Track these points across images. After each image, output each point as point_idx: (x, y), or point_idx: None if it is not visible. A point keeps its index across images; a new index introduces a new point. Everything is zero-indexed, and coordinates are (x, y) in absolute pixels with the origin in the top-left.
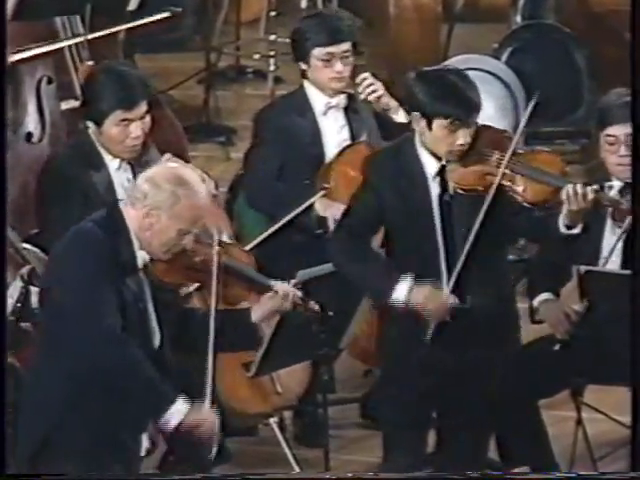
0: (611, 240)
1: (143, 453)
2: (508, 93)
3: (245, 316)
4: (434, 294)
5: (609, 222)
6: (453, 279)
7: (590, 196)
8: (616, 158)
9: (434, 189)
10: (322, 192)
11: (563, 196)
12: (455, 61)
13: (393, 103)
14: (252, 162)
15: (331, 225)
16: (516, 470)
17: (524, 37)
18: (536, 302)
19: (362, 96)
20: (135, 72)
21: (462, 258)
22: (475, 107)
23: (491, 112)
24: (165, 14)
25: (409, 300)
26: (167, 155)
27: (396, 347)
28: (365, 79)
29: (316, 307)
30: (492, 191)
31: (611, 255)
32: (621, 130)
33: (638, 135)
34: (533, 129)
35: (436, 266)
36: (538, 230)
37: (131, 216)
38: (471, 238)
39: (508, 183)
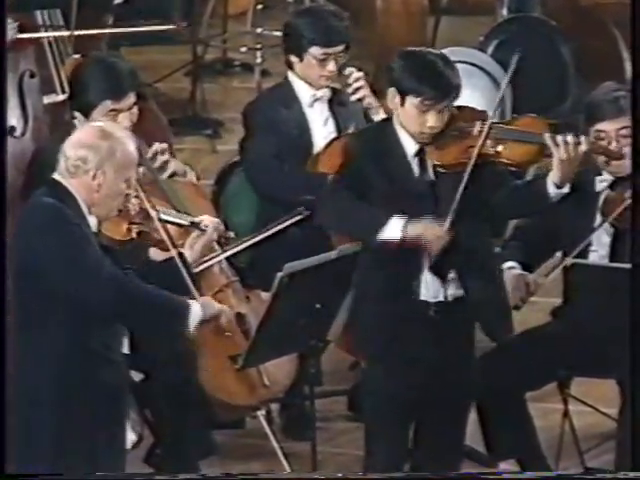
0: (599, 234)
1: (129, 446)
2: (494, 85)
3: (183, 262)
4: (431, 226)
5: (598, 216)
6: (449, 220)
7: (581, 144)
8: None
9: (415, 169)
10: (299, 216)
11: (551, 145)
12: None
13: (375, 103)
14: (249, 148)
15: None
16: (502, 464)
17: (510, 30)
18: (504, 267)
19: (349, 91)
20: (124, 63)
21: (449, 217)
22: (451, 90)
23: (476, 104)
24: (170, 26)
25: (405, 233)
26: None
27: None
28: (352, 74)
29: (231, 234)
30: (473, 159)
31: (597, 248)
32: (611, 125)
33: (637, 131)
34: None
35: None
36: (524, 198)
37: (75, 186)
38: (455, 202)
39: (492, 150)
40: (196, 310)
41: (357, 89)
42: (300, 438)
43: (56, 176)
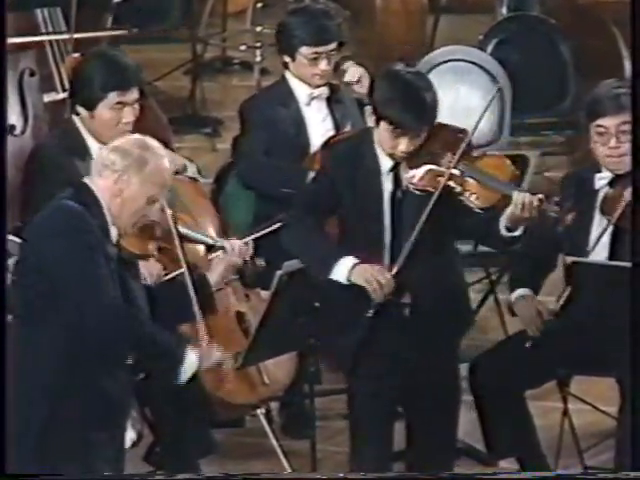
0: (599, 232)
1: (129, 444)
2: (493, 84)
3: (204, 282)
4: (376, 273)
5: (597, 214)
6: (397, 265)
7: (535, 205)
8: (606, 149)
9: (388, 185)
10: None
11: (513, 201)
12: (440, 52)
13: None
14: (240, 145)
15: None
16: (502, 462)
17: (509, 28)
18: (513, 297)
19: (346, 79)
20: (127, 57)
21: (407, 247)
22: (424, 118)
23: (476, 103)
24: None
25: (350, 279)
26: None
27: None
28: (356, 71)
29: (262, 263)
30: (438, 190)
31: (596, 247)
32: (612, 121)
33: (637, 129)
34: (518, 120)
35: (381, 260)
36: (481, 230)
37: (100, 187)
38: (414, 235)
39: (458, 187)
40: (191, 361)
41: (359, 80)
42: (300, 436)
43: (86, 179)
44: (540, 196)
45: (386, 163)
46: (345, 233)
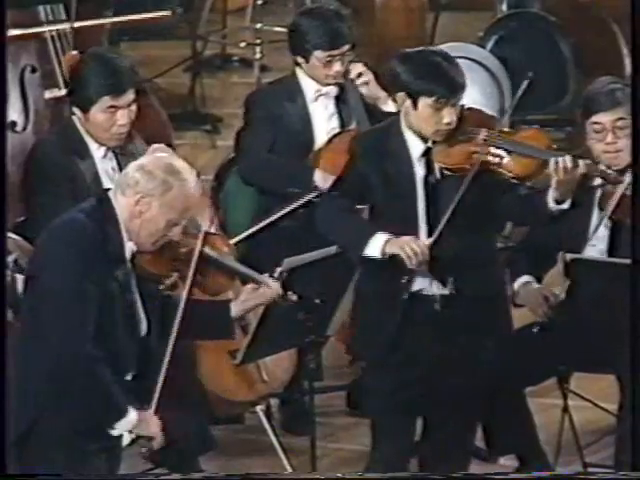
0: (597, 228)
1: (127, 441)
2: (493, 81)
3: (224, 309)
4: (411, 242)
5: (596, 210)
6: (433, 237)
7: (579, 167)
8: (603, 145)
9: (419, 170)
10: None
11: (551, 167)
12: None
13: (382, 93)
14: (244, 139)
15: None
16: (502, 459)
17: (509, 26)
18: (516, 285)
19: (351, 75)
20: (124, 60)
21: (441, 224)
22: (459, 86)
23: (476, 99)
24: (165, 12)
25: (384, 252)
26: (155, 145)
27: (377, 331)
28: (356, 67)
29: (294, 298)
30: (476, 166)
31: (596, 242)
32: (607, 117)
33: (637, 124)
34: (519, 117)
35: None
36: (526, 208)
37: (121, 204)
38: (450, 210)
39: (495, 159)
40: (129, 420)
41: (362, 79)
42: (299, 433)
43: (110, 192)
44: (587, 161)
45: (417, 149)
46: (378, 223)
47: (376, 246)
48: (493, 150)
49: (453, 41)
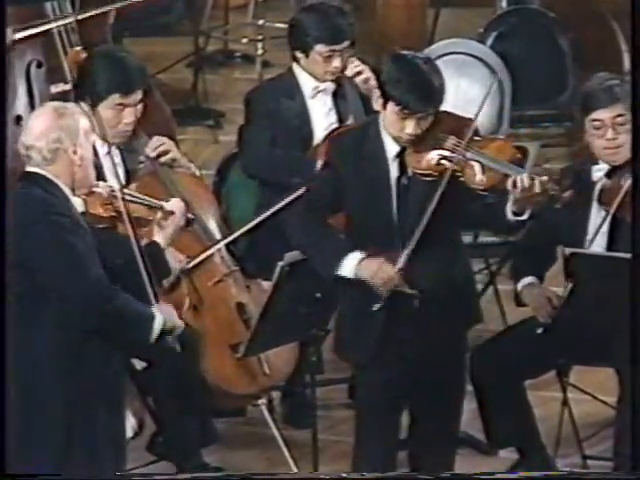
0: (596, 223)
1: (130, 434)
2: (492, 76)
3: (155, 247)
4: (382, 267)
5: (595, 205)
6: (404, 257)
7: (535, 187)
8: (603, 142)
9: (393, 171)
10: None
11: (509, 184)
12: (441, 45)
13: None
14: (245, 135)
15: None
16: (502, 452)
17: (509, 22)
18: (520, 286)
19: (348, 73)
20: (134, 59)
21: (414, 238)
22: (432, 99)
23: (476, 95)
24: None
25: (356, 274)
26: (156, 137)
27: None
28: (353, 62)
29: (192, 217)
30: (446, 177)
31: (595, 237)
32: (607, 114)
33: (637, 120)
34: (518, 112)
35: (390, 247)
36: (487, 216)
37: (54, 172)
38: (423, 223)
39: (461, 169)
40: (159, 321)
41: (359, 72)
42: (301, 426)
43: (30, 168)
44: (543, 178)
45: (392, 149)
46: (352, 221)
47: (349, 267)
48: (460, 159)
49: (453, 37)
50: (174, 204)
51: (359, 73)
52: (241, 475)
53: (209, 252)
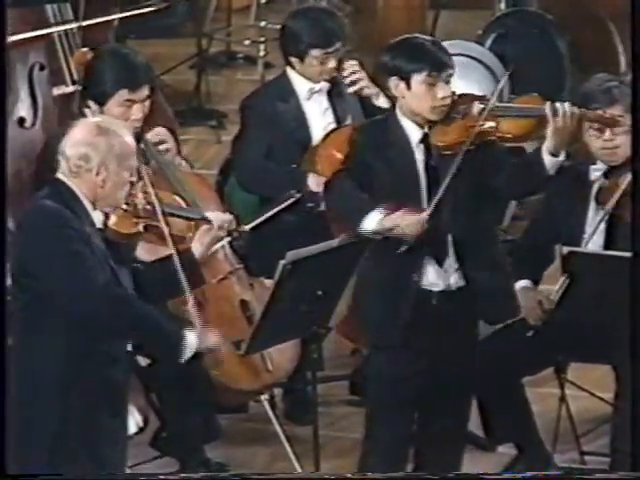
0: (594, 222)
1: (134, 430)
2: (491, 78)
3: (189, 256)
4: (407, 216)
5: (592, 204)
6: (432, 206)
7: (575, 112)
8: (600, 142)
9: (419, 156)
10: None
11: (549, 113)
12: None
13: (374, 90)
14: (239, 146)
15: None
16: (501, 448)
17: (508, 24)
18: (516, 287)
19: (346, 82)
20: (140, 56)
21: (441, 188)
22: (446, 62)
23: None
24: (163, 4)
25: (381, 227)
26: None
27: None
28: (348, 68)
29: (246, 228)
30: (472, 136)
31: (593, 236)
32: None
33: (636, 118)
34: None
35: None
36: (524, 174)
37: (78, 185)
38: (447, 180)
39: (491, 127)
40: (191, 341)
41: (354, 81)
42: (302, 422)
43: (59, 175)
44: (577, 108)
45: (415, 136)
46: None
47: (373, 220)
48: (488, 119)
49: (453, 39)
50: (216, 215)
51: (355, 82)
52: (241, 475)
53: (214, 248)
